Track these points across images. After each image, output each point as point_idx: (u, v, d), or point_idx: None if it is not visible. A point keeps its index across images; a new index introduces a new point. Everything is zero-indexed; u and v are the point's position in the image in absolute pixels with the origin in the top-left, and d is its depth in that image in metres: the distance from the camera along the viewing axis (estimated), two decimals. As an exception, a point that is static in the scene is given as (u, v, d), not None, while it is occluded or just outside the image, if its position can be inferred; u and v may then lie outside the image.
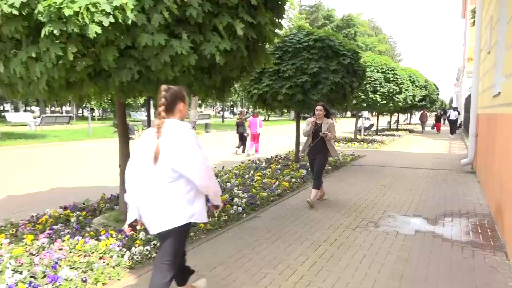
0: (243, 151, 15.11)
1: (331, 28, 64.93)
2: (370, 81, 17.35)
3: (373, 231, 5.40)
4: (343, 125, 40.27)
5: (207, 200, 3.03)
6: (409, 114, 40.19)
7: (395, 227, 5.59)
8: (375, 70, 17.77)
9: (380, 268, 4.15)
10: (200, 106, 52.83)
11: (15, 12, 3.31)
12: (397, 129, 30.36)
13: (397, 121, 33.67)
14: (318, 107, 6.82)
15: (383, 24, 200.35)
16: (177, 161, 2.74)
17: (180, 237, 2.94)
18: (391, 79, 17.84)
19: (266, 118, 54.35)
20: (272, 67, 9.54)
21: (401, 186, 8.62)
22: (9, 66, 3.71)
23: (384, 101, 17.76)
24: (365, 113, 24.43)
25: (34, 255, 4.20)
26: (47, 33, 3.37)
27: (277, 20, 4.89)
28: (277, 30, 5.07)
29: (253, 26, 4.29)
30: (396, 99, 18.22)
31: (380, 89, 17.57)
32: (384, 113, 23.92)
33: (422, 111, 31.70)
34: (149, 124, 6.73)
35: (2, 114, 33.35)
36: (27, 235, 4.62)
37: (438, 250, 4.71)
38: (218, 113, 68.59)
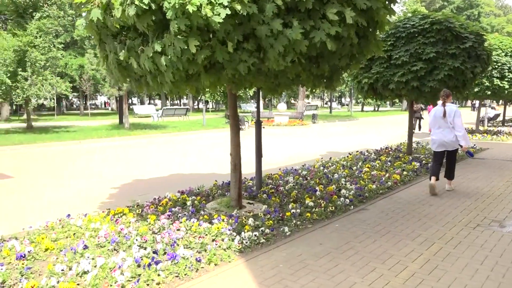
0: (419, 129, 20.74)
1: (450, 10, 59.77)
2: (496, 66, 15.59)
3: (497, 231, 4.90)
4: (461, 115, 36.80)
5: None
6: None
7: (525, 229, 4.99)
8: (503, 54, 15.86)
9: (505, 272, 3.76)
10: (307, 97, 52.76)
11: (145, 7, 3.66)
12: (529, 120, 26.96)
13: (529, 111, 29.85)
14: None
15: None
16: (451, 119, 6.58)
17: (457, 151, 6.96)
18: (523, 62, 15.77)
19: (376, 109, 52.26)
20: (383, 54, 9.14)
21: (533, 183, 7.65)
22: (139, 61, 4.14)
23: (513, 88, 15.80)
24: (477, 102, 21.91)
25: (156, 233, 4.66)
26: (176, 30, 3.67)
27: (389, 4, 4.66)
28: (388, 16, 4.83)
29: (364, 11, 4.14)
30: (529, 86, 16.08)
31: (508, 75, 15.67)
32: (513, 101, 21.31)
33: None
34: (258, 115, 6.83)
35: (131, 107, 37.14)
36: (150, 215, 5.13)
37: None
38: (326, 104, 67.85)
